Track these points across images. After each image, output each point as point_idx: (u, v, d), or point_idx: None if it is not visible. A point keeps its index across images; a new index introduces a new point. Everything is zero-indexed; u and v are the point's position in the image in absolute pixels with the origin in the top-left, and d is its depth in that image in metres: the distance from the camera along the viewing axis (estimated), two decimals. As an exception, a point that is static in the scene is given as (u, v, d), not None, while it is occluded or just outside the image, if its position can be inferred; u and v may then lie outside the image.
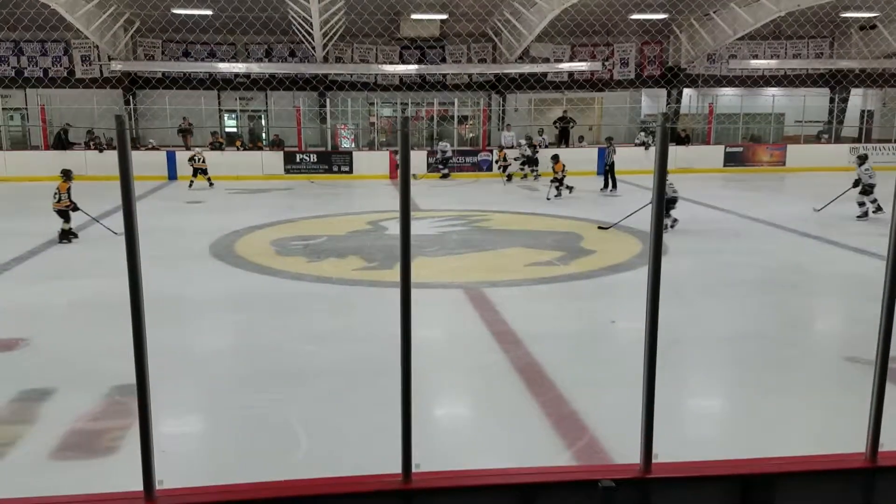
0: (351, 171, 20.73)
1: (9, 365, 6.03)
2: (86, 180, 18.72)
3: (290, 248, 10.77)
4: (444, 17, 22.05)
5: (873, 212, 13.31)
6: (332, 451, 4.55)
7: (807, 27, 21.85)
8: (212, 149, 21.08)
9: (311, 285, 8.73)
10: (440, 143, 21.68)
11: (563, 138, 23.45)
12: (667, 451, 2.74)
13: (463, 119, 24.56)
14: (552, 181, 16.51)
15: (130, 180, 2.22)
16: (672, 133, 22.81)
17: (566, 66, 24.36)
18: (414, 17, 21.81)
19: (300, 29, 20.65)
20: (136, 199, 2.31)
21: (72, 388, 5.39)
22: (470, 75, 24.75)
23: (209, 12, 20.29)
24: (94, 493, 2.75)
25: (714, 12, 21.62)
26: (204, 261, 9.97)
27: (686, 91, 25.85)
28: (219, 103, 24.38)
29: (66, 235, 11.00)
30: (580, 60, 24.54)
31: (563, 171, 16.42)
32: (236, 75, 23.48)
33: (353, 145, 22.92)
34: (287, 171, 20.81)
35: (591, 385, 5.59)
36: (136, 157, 18.99)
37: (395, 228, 12.29)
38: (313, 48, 21.94)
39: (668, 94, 25.56)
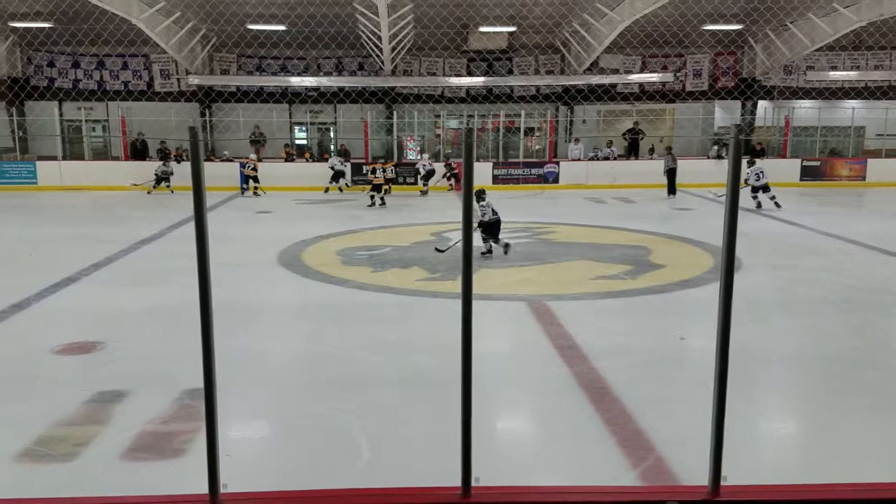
0: (416, 182, 20.87)
1: (86, 367, 6.26)
2: (162, 190, 19.48)
3: (355, 258, 10.90)
4: (513, 29, 22.07)
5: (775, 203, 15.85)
6: (392, 461, 4.55)
7: (889, 37, 20.96)
8: (286, 160, 21.63)
9: (374, 295, 8.80)
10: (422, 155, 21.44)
11: (632, 150, 23.12)
12: (737, 473, 2.63)
13: (529, 131, 24.49)
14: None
15: (202, 189, 2.27)
16: (746, 146, 22.21)
17: (637, 77, 24.02)
18: (482, 29, 21.90)
19: (369, 43, 21.01)
20: (207, 208, 2.36)
21: (145, 390, 5.55)
22: (537, 87, 24.67)
23: (282, 28, 20.86)
24: (161, 494, 2.81)
25: (791, 23, 20.98)
26: (272, 269, 10.18)
27: (761, 103, 25.14)
28: (290, 116, 24.99)
29: None
30: (651, 71, 24.17)
31: (383, 173, 17.15)
32: (307, 89, 24.02)
33: (419, 157, 23.13)
34: (354, 182, 21.10)
35: (658, 403, 5.44)
36: (210, 168, 19.65)
37: (459, 240, 12.29)
38: (382, 62, 22.27)
39: (743, 106, 24.90)
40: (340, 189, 20.29)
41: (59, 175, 20.36)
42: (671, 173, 18.79)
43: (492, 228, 10.66)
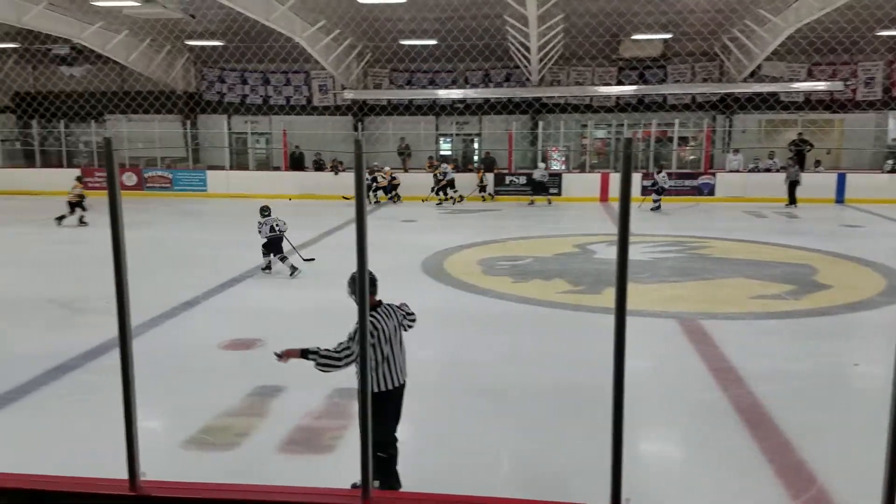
0: (559, 193, 20.65)
1: (247, 362, 6.66)
2: (316, 199, 20.48)
3: (496, 268, 10.91)
4: (668, 36, 21.36)
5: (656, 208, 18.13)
6: (532, 475, 4.49)
7: None
8: (430, 170, 22.07)
9: (515, 306, 8.75)
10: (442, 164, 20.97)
11: (798, 163, 21.70)
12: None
13: (683, 141, 23.57)
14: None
15: (363, 198, 2.33)
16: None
17: (802, 85, 22.51)
18: (635, 37, 21.37)
19: (518, 54, 21.07)
20: (367, 216, 2.42)
21: (299, 387, 5.81)
22: (692, 95, 23.72)
23: (433, 42, 21.39)
24: (316, 487, 2.90)
25: (983, 23, 18.87)
26: (415, 276, 10.38)
27: (944, 113, 22.79)
28: (436, 128, 25.53)
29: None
30: (818, 80, 22.56)
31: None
32: (454, 101, 24.45)
33: (563, 167, 22.87)
34: (497, 192, 21.19)
35: (823, 432, 5.05)
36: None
37: (603, 252, 12.01)
38: (529, 72, 22.27)
39: (923, 117, 22.68)
40: (456, 199, 20.45)
41: (226, 184, 21.93)
42: (793, 185, 18.84)
43: (273, 244, 10.44)
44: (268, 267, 10.53)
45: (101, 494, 2.07)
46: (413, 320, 4.52)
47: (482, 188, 20.74)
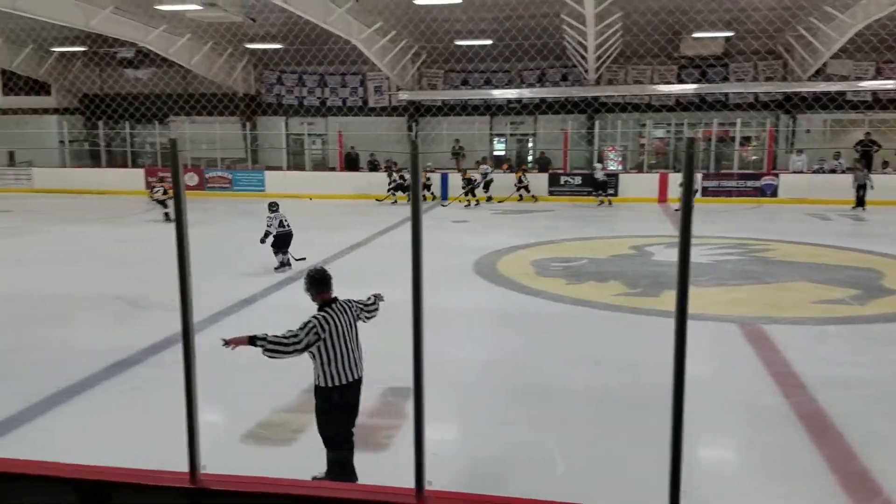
0: (616, 194, 20.37)
1: (302, 359, 6.73)
2: (370, 199, 20.67)
3: (549, 269, 10.82)
4: (730, 34, 20.85)
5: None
6: (585, 478, 4.44)
7: None
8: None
9: (569, 307, 8.67)
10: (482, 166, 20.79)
11: (865, 165, 20.94)
12: None
13: (745, 140, 23.00)
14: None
15: (419, 197, 2.34)
16: None
17: (869, 84, 21.71)
18: (695, 35, 20.93)
19: (575, 53, 20.86)
20: (422, 215, 2.43)
21: (353, 385, 5.87)
22: (755, 94, 23.11)
23: (489, 42, 21.35)
24: (369, 484, 2.93)
25: None
26: (468, 276, 10.38)
27: None
28: (490, 128, 25.47)
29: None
30: (887, 78, 21.72)
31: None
32: (509, 101, 24.37)
33: (620, 167, 22.55)
34: (551, 192, 21.03)
35: (889, 441, 4.89)
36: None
37: (661, 254, 11.80)
38: (586, 71, 22.04)
39: None
40: (484, 199, 20.33)
41: (283, 184, 22.31)
42: (861, 188, 18.16)
43: (281, 241, 10.57)
44: (281, 265, 10.70)
45: (162, 487, 2.13)
46: (373, 310, 4.50)
47: (525, 188, 20.56)
